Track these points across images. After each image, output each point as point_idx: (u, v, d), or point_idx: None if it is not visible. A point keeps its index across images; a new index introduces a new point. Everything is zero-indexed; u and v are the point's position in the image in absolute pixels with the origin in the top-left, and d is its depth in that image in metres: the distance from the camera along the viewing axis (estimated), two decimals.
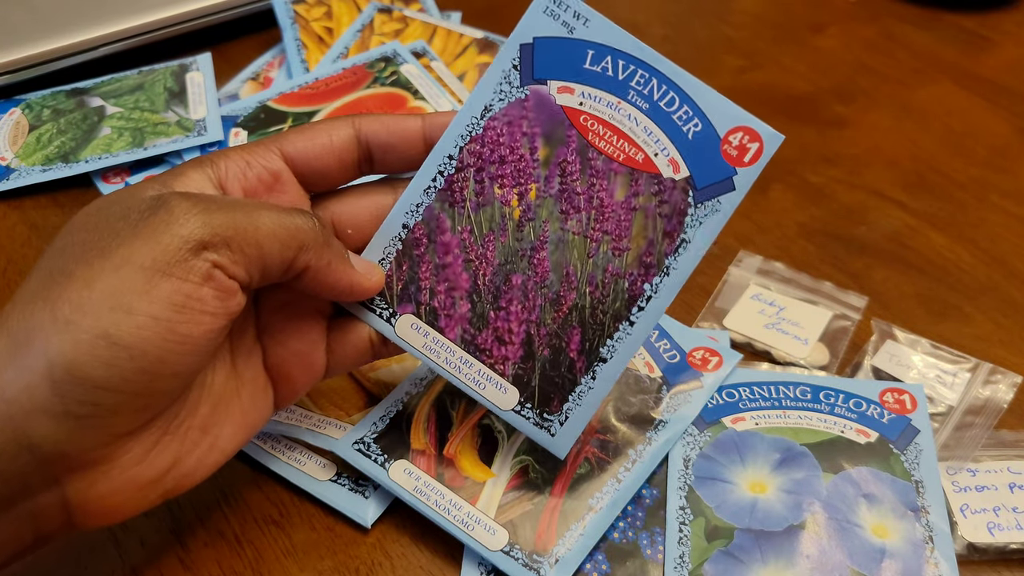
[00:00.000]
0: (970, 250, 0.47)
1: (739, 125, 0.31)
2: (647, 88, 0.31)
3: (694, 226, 0.31)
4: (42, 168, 0.51)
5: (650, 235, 0.31)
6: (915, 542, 0.32)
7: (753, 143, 0.31)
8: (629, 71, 0.31)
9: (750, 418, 0.37)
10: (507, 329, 0.32)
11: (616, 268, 0.32)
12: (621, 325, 0.32)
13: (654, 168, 0.31)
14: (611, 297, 0.32)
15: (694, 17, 0.69)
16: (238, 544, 0.34)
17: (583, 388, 0.32)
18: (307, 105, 0.53)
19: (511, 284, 0.32)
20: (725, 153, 0.31)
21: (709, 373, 0.38)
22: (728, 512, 0.34)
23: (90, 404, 0.25)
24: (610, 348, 0.32)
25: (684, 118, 0.31)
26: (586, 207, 0.31)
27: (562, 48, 0.31)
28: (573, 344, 0.32)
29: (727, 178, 0.31)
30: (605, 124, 0.31)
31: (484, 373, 0.32)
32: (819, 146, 0.55)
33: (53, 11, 0.57)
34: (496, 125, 0.32)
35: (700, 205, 0.31)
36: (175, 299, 0.25)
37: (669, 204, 0.31)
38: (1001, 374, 0.39)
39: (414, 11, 0.63)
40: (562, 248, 0.32)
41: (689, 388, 0.37)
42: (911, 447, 0.35)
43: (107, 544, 0.34)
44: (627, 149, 0.31)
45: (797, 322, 0.42)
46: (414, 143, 0.33)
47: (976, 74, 0.61)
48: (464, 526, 0.33)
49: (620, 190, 0.31)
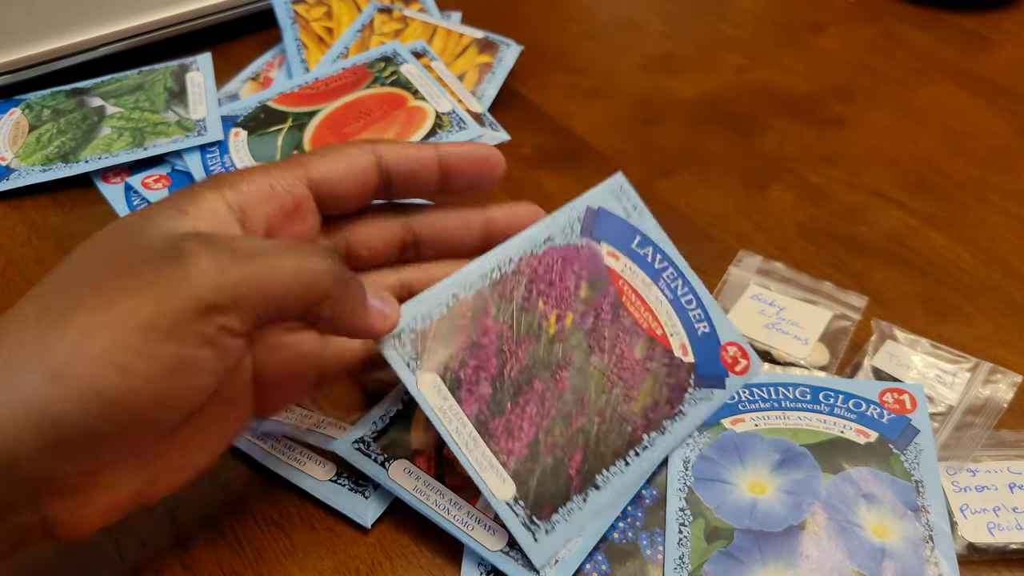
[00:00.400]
0: (970, 250, 0.47)
1: (734, 341, 0.38)
2: (674, 284, 0.37)
3: (691, 404, 0.36)
4: (42, 168, 0.51)
5: (656, 396, 0.36)
6: (915, 542, 0.32)
7: (744, 359, 0.38)
8: (663, 265, 0.37)
9: (749, 419, 0.37)
10: (519, 425, 0.33)
11: (623, 412, 0.35)
12: (618, 462, 0.34)
13: (668, 345, 0.37)
14: (614, 434, 0.35)
15: (694, 16, 0.69)
16: (238, 544, 0.34)
17: (574, 506, 0.33)
18: (307, 105, 0.53)
19: (532, 387, 0.34)
20: (723, 358, 0.38)
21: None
22: (728, 513, 0.34)
23: (79, 445, 0.24)
24: (605, 478, 0.34)
25: (697, 318, 0.38)
26: (610, 351, 0.36)
27: (619, 225, 0.37)
28: (574, 462, 0.34)
29: (720, 377, 0.37)
30: (637, 295, 0.37)
31: (488, 457, 0.32)
32: (819, 146, 0.55)
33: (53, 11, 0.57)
34: (554, 254, 0.35)
35: (697, 389, 0.37)
36: (171, 362, 0.25)
37: (675, 378, 0.36)
38: (1001, 374, 0.39)
39: (414, 11, 0.63)
40: (583, 376, 0.35)
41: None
42: (911, 447, 0.35)
43: (107, 545, 0.34)
44: (650, 321, 0.37)
45: (797, 322, 0.42)
46: (431, 171, 0.34)
47: (976, 74, 0.61)
48: (464, 526, 0.33)
49: (639, 350, 0.36)
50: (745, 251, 0.46)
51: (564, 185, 0.51)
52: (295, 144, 0.50)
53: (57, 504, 0.26)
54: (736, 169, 0.53)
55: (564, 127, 0.56)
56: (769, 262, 0.45)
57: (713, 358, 0.37)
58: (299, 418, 0.37)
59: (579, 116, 0.57)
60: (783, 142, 0.55)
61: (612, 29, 0.67)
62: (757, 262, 0.45)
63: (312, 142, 0.51)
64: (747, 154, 0.54)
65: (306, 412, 0.37)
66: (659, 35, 0.66)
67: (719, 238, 0.48)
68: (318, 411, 0.37)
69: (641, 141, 0.55)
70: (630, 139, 0.55)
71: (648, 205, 0.38)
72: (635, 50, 0.64)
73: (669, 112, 0.58)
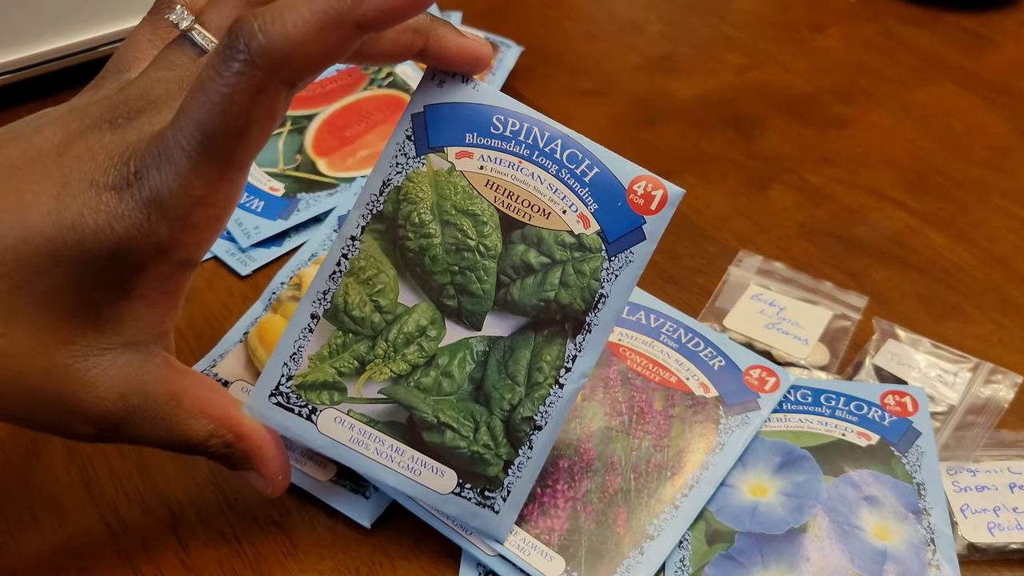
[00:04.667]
0: (970, 250, 0.47)
1: (755, 364, 0.37)
2: (675, 334, 0.36)
3: (727, 433, 0.35)
4: None
5: (689, 437, 0.35)
6: (916, 544, 0.32)
7: (771, 377, 0.36)
8: (659, 322, 0.35)
9: None
10: (553, 503, 0.33)
11: (659, 460, 0.34)
12: (667, 508, 0.33)
13: (687, 388, 0.36)
14: (655, 483, 0.34)
15: (693, 15, 0.69)
16: (239, 544, 0.34)
17: (631, 562, 0.32)
18: (304, 108, 0.53)
19: (558, 466, 0.34)
20: (748, 383, 0.36)
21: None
22: (729, 516, 0.34)
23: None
24: (657, 527, 0.33)
25: (709, 356, 0.37)
26: (628, 412, 0.35)
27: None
28: (620, 521, 0.33)
29: (751, 400, 0.36)
30: (641, 356, 0.37)
31: (529, 542, 0.32)
32: (819, 146, 0.55)
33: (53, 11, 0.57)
34: None
35: (731, 418, 0.36)
36: None
37: (703, 414, 0.36)
38: (1002, 374, 0.39)
39: None
40: (607, 440, 0.35)
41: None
42: (912, 449, 0.35)
43: (107, 544, 0.34)
44: (661, 374, 0.36)
45: (797, 322, 0.42)
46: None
47: (976, 74, 0.61)
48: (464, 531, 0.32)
49: (658, 402, 0.36)
50: (745, 251, 0.46)
51: None
52: (296, 148, 0.50)
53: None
54: (736, 169, 0.53)
55: None
56: (769, 262, 0.45)
57: (738, 386, 0.37)
58: None
59: (579, 116, 0.57)
60: (783, 142, 0.55)
61: (612, 29, 0.67)
62: (757, 262, 0.45)
63: (314, 145, 0.51)
64: (747, 154, 0.54)
65: None
66: (659, 35, 0.66)
67: (718, 236, 0.48)
68: None
69: (641, 141, 0.55)
70: (630, 139, 0.55)
71: None
72: (635, 50, 0.64)
73: (669, 112, 0.58)
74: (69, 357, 0.27)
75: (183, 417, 0.29)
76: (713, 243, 0.48)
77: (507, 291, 0.31)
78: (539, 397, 0.31)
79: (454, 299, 0.31)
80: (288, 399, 0.31)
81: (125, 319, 0.28)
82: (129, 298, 0.28)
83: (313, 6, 0.25)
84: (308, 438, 0.31)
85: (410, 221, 0.31)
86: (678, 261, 0.46)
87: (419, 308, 0.32)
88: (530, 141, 0.31)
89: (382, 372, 0.31)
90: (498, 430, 0.31)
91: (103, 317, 0.27)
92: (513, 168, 0.31)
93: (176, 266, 0.28)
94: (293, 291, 0.41)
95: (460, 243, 0.31)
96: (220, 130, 0.25)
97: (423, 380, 0.31)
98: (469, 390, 0.31)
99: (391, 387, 0.31)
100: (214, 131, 0.25)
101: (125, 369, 0.28)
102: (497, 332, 0.31)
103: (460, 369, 0.31)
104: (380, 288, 0.31)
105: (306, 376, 0.31)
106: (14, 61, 0.56)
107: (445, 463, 0.31)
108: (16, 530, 0.34)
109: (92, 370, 0.27)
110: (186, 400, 0.29)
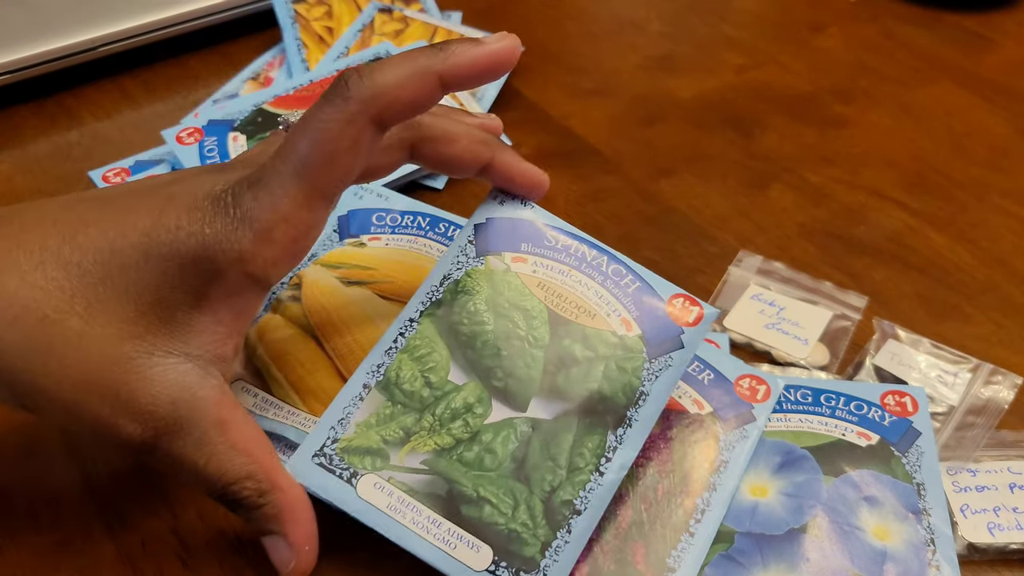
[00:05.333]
0: (970, 250, 0.47)
1: (744, 374, 0.37)
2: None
3: (728, 449, 0.35)
4: None
5: (691, 457, 0.35)
6: (916, 545, 0.32)
7: (760, 385, 0.37)
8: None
9: None
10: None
11: (666, 487, 0.34)
12: (683, 536, 0.33)
13: (681, 407, 0.36)
14: (667, 511, 0.33)
15: (693, 15, 0.69)
16: (239, 543, 0.34)
17: None
18: (303, 108, 0.53)
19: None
20: (740, 394, 0.36)
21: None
22: (729, 516, 0.34)
23: None
24: (676, 558, 0.32)
25: (696, 371, 0.37)
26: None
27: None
28: (638, 556, 0.32)
29: (745, 412, 0.36)
30: None
31: None
32: (819, 146, 0.55)
33: (53, 11, 0.57)
34: None
35: (730, 433, 0.36)
36: None
37: (700, 432, 0.35)
38: (1002, 375, 0.39)
39: (415, 11, 0.63)
40: None
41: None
42: (912, 449, 0.35)
43: (108, 544, 0.34)
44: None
45: (797, 322, 0.42)
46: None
47: (976, 74, 0.61)
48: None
49: (655, 427, 0.35)
50: (745, 251, 0.46)
51: (564, 185, 0.51)
52: None
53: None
54: (736, 169, 0.53)
55: (564, 127, 0.56)
56: (769, 262, 0.45)
57: (731, 399, 0.37)
58: (286, 415, 0.37)
59: (579, 116, 0.57)
60: (783, 142, 0.55)
61: (612, 29, 0.67)
62: (757, 262, 0.45)
63: None
64: (747, 154, 0.54)
65: (292, 410, 0.37)
66: (659, 35, 0.66)
67: (719, 236, 0.48)
68: (304, 409, 0.37)
69: (641, 141, 0.55)
70: (630, 139, 0.55)
71: (648, 205, 0.38)
72: (635, 50, 0.64)
73: (669, 112, 0.58)
74: (136, 351, 0.28)
75: (225, 448, 0.29)
76: (713, 243, 0.48)
77: (553, 378, 0.33)
78: (580, 482, 0.32)
79: (502, 380, 0.33)
80: (331, 460, 0.32)
81: (193, 329, 0.29)
82: (200, 308, 0.29)
83: (407, 59, 0.29)
84: (346, 502, 0.31)
85: (466, 309, 0.34)
86: (678, 261, 0.46)
87: (468, 386, 0.33)
88: (579, 255, 0.35)
89: (426, 444, 0.32)
90: (537, 510, 0.31)
91: (176, 321, 0.29)
92: (563, 275, 0.35)
93: (249, 281, 0.29)
94: (293, 291, 0.41)
95: (511, 332, 0.34)
96: (310, 154, 0.29)
97: (466, 454, 0.32)
98: (511, 468, 0.32)
99: (434, 459, 0.32)
100: (305, 155, 0.29)
101: (183, 378, 0.29)
102: (541, 415, 0.33)
103: (503, 446, 0.32)
104: (432, 365, 0.33)
105: (351, 440, 0.32)
106: (14, 61, 0.56)
107: (482, 538, 0.31)
108: (16, 530, 0.34)
109: (154, 368, 0.29)
110: (232, 431, 0.30)
